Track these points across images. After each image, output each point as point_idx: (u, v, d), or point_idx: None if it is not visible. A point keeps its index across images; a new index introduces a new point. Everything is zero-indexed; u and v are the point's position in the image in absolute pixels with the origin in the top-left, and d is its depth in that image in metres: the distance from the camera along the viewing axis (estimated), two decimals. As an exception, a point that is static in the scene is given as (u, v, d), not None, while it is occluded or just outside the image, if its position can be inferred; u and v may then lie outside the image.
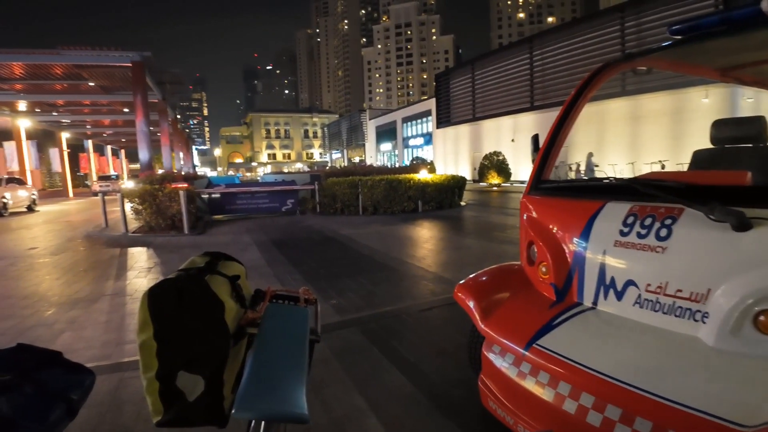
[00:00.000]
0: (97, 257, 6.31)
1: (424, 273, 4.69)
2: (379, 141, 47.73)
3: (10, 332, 3.23)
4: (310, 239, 7.21)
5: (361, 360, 2.55)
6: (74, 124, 26.47)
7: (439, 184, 11.07)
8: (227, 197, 10.57)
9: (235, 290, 0.87)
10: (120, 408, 2.09)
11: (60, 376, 0.68)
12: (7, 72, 15.05)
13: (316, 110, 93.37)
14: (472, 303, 1.69)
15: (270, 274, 4.76)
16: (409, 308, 3.49)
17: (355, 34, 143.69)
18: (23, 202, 15.02)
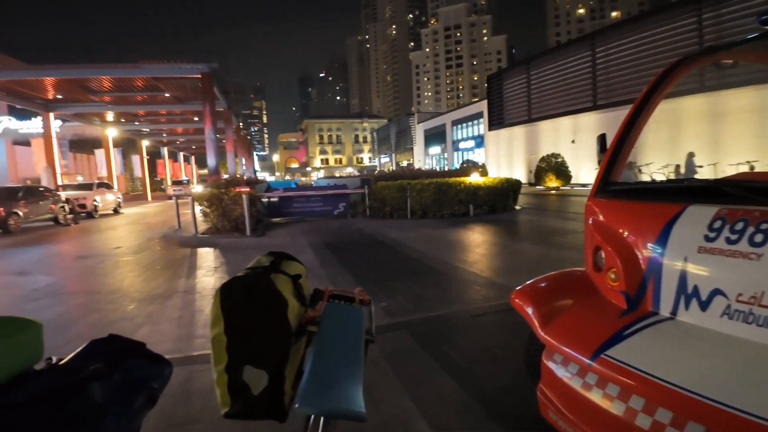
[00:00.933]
0: (171, 256, 6.90)
1: (476, 278, 4.57)
2: (427, 144, 47.49)
3: (98, 324, 3.59)
4: (360, 242, 7.34)
5: (410, 363, 2.54)
6: (152, 132, 29.36)
7: (492, 187, 10.76)
8: (285, 201, 11.12)
9: (297, 289, 0.91)
10: (190, 399, 2.19)
11: (143, 366, 0.71)
12: (97, 85, 17.10)
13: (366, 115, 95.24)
14: (531, 309, 1.62)
15: (323, 275, 4.92)
16: (461, 313, 3.42)
17: (403, 39, 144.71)
18: (110, 205, 16.94)
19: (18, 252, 7.81)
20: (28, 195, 11.80)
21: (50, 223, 12.47)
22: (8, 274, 5.78)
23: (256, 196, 10.08)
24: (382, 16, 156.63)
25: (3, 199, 10.92)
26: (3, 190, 11.74)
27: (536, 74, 25.84)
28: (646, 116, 1.82)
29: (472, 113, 36.95)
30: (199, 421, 2.00)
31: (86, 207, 14.91)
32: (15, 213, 10.85)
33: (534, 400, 1.58)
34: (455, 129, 40.30)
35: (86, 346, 0.69)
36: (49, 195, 12.72)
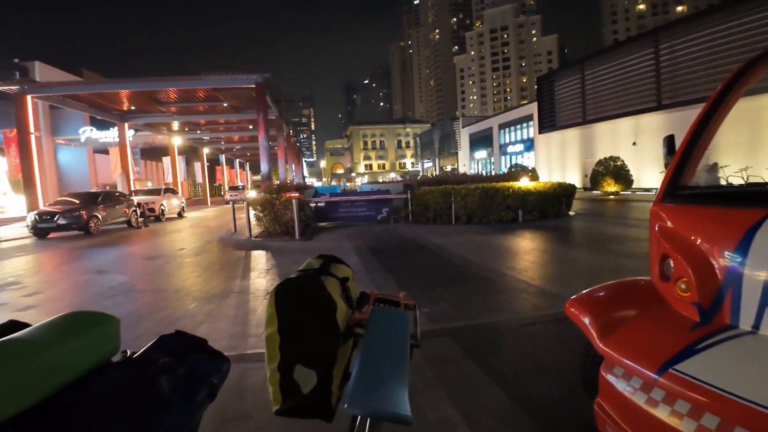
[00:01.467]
0: (227, 258, 7.32)
1: (526, 286, 4.40)
2: (473, 149, 46.59)
3: (165, 321, 3.85)
4: (403, 247, 7.34)
5: (454, 370, 2.50)
6: (212, 140, 31.60)
7: (543, 192, 10.30)
8: (330, 206, 11.44)
9: (345, 291, 0.93)
10: (243, 396, 2.27)
11: (205, 362, 0.74)
12: (165, 97, 18.76)
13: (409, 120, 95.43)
14: (589, 319, 1.53)
15: (367, 279, 4.97)
16: (508, 322, 3.31)
17: (446, 43, 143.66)
18: (175, 209, 18.39)
19: (97, 252, 8.70)
20: (106, 200, 13.11)
21: (124, 225, 13.79)
22: (89, 272, 6.43)
23: (305, 201, 10.46)
24: (424, 21, 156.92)
25: (85, 204, 12.24)
26: (85, 195, 13.17)
27: (592, 74, 24.49)
28: (722, 115, 1.67)
29: (521, 116, 35.74)
30: (251, 417, 2.06)
31: (155, 211, 16.26)
32: (95, 216, 12.08)
33: (590, 413, 1.49)
34: (502, 132, 39.19)
35: (156, 341, 0.74)
36: (123, 200, 14.04)
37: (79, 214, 11.58)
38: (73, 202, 12.48)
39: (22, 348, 0.56)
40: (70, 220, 11.43)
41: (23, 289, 5.33)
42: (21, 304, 4.60)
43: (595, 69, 24.24)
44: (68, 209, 11.68)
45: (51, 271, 6.74)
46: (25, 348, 0.56)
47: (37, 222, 11.33)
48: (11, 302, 4.67)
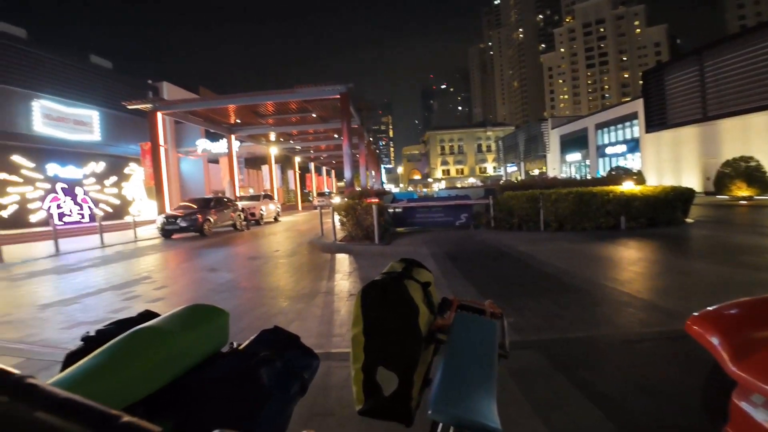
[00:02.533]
0: (315, 260, 7.81)
1: (630, 299, 3.92)
2: (564, 151, 43.06)
3: (263, 317, 4.16)
4: (485, 254, 7.07)
5: (542, 384, 2.32)
6: (303, 149, 34.34)
7: (652, 196, 9.07)
8: (408, 211, 11.53)
9: (427, 296, 0.92)
10: (327, 393, 2.33)
11: (298, 357, 0.77)
12: (263, 110, 20.93)
13: (490, 124, 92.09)
14: (718, 339, 1.31)
15: (445, 285, 4.87)
16: (608, 337, 2.98)
17: (531, 42, 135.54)
18: (272, 213, 20.25)
19: (209, 252, 9.99)
20: (217, 205, 14.99)
21: (230, 228, 15.65)
22: (204, 270, 7.39)
23: (384, 206, 10.71)
24: (506, 20, 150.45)
25: (200, 208, 14.11)
26: (201, 201, 15.23)
27: (713, 65, 21.04)
28: None
29: (623, 114, 32.07)
30: (333, 414, 2.13)
31: (255, 215, 18.05)
32: (208, 219, 13.86)
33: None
34: (600, 133, 35.58)
35: (257, 335, 0.79)
36: (230, 205, 15.91)
37: (196, 218, 13.38)
38: (191, 207, 14.48)
39: (156, 336, 0.62)
40: (189, 223, 13.30)
41: (153, 283, 6.33)
42: (152, 296, 5.44)
43: (718, 59, 20.78)
44: (188, 213, 13.55)
45: (174, 268, 7.93)
46: (158, 336, 0.62)
47: (165, 224, 13.35)
48: (144, 294, 5.55)
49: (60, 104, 18.40)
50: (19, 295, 5.89)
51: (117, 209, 21.57)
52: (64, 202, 18.71)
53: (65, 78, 18.89)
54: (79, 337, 0.69)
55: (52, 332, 3.90)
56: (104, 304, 5.02)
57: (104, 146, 20.76)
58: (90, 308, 4.85)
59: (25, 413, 0.24)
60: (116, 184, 21.91)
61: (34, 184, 17.30)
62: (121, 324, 0.72)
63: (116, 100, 20.03)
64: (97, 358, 0.56)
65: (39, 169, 17.50)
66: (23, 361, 3.10)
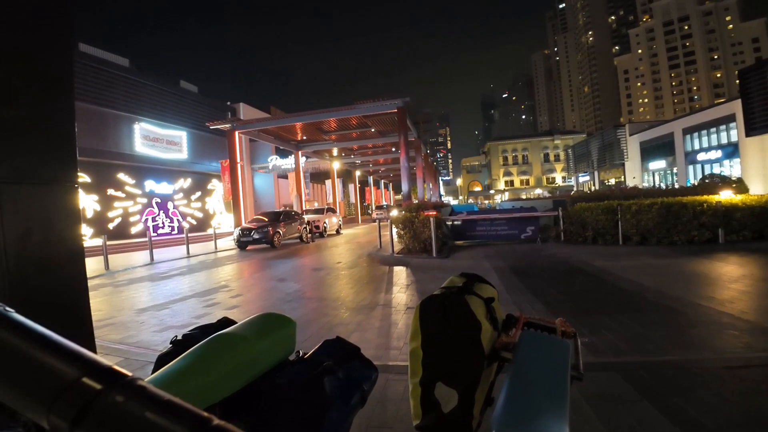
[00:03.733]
0: (374, 273, 7.89)
1: (732, 320, 3.41)
2: (645, 159, 39.06)
3: (325, 326, 4.20)
4: (554, 269, 6.62)
5: (623, 411, 2.08)
6: (362, 164, 35.35)
7: (758, 207, 7.85)
8: (468, 224, 11.23)
9: (490, 312, 0.89)
10: (385, 406, 2.31)
11: (358, 368, 0.78)
12: (327, 126, 21.99)
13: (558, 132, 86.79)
14: None
15: (509, 301, 4.64)
16: (706, 361, 2.61)
17: (603, 44, 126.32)
18: (335, 226, 20.94)
19: (279, 263, 10.56)
20: (286, 218, 15.87)
21: (297, 240, 16.51)
22: (274, 280, 7.83)
23: (442, 219, 10.55)
24: (573, 24, 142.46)
25: (271, 221, 15.06)
26: (272, 214, 16.24)
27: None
28: None
29: (717, 117, 28.40)
30: (390, 427, 2.11)
31: (319, 228, 18.82)
32: (278, 232, 14.74)
33: None
34: (688, 138, 31.81)
35: (321, 345, 0.81)
36: (297, 218, 16.77)
37: (267, 231, 14.31)
38: (263, 220, 15.54)
39: (233, 342, 0.66)
40: (261, 235, 14.26)
41: (230, 291, 6.83)
42: (229, 303, 5.85)
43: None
44: (260, 226, 14.57)
45: (248, 278, 8.52)
46: (235, 342, 0.66)
47: (240, 236, 14.45)
48: (222, 302, 5.99)
49: (156, 126, 20.99)
50: (121, 299, 6.68)
51: (200, 222, 23.94)
52: (158, 215, 21.22)
53: (160, 102, 21.51)
54: (169, 340, 0.76)
55: (146, 334, 4.36)
56: (189, 310, 5.53)
57: (191, 164, 23.25)
58: (178, 313, 5.36)
59: (138, 412, 0.27)
60: (200, 199, 24.35)
61: (135, 199, 19.83)
62: (203, 329, 0.78)
63: (201, 121, 22.41)
64: (183, 362, 0.61)
65: (138, 185, 20.04)
66: (123, 361, 3.43)
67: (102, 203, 18.16)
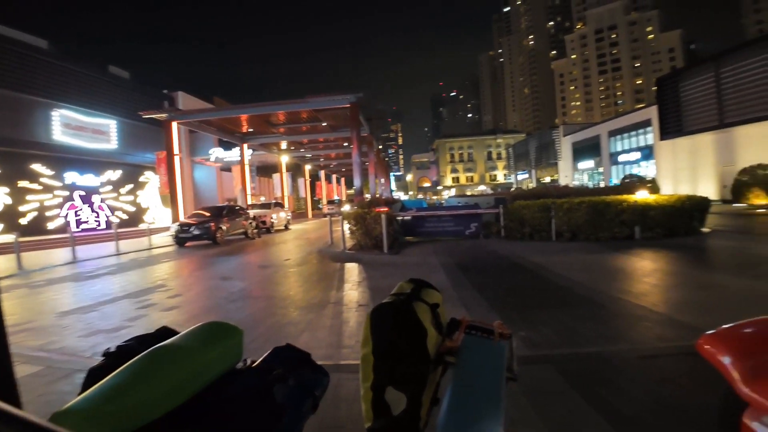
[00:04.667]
0: (325, 270, 7.81)
1: (647, 313, 3.85)
2: (576, 158, 42.65)
3: (273, 327, 4.08)
4: (496, 265, 7.02)
5: (556, 403, 2.29)
6: (313, 158, 34.63)
7: (668, 206, 8.93)
8: (417, 220, 11.51)
9: (435, 318, 0.93)
10: (337, 406, 2.33)
11: (310, 375, 0.80)
12: (275, 119, 21.23)
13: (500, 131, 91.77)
14: (729, 359, 1.30)
15: (455, 297, 4.83)
16: (625, 352, 2.93)
17: (542, 48, 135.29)
18: (283, 221, 20.39)
19: (222, 260, 10.10)
20: (229, 213, 15.13)
21: (242, 236, 15.81)
22: (216, 278, 7.47)
23: (393, 215, 10.71)
24: (516, 28, 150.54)
25: (213, 217, 14.29)
26: (214, 209, 15.41)
27: (731, 71, 20.79)
28: None
29: (637, 121, 31.77)
30: (343, 427, 2.14)
31: (266, 223, 18.19)
32: (221, 228, 14.01)
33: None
34: (613, 140, 35.22)
35: (271, 352, 0.80)
36: (242, 213, 16.07)
37: (209, 226, 13.57)
38: (204, 215, 14.71)
39: (175, 354, 0.64)
40: (202, 231, 13.50)
41: (168, 291, 6.41)
42: (166, 304, 5.49)
43: (736, 65, 20.56)
44: (201, 221, 13.77)
45: (187, 276, 8.04)
46: (178, 354, 0.64)
47: (179, 232, 13.59)
48: (159, 303, 5.60)
49: (79, 114, 18.94)
50: (39, 302, 6.02)
51: (132, 217, 22.04)
52: (81, 209, 19.19)
53: (84, 88, 19.44)
54: (97, 345, 0.71)
55: (71, 340, 3.97)
56: (121, 312, 5.11)
57: (121, 155, 21.28)
58: (108, 316, 4.94)
59: None
60: (132, 192, 22.39)
61: (53, 191, 17.78)
62: (140, 340, 0.74)
63: (133, 109, 20.57)
64: (120, 377, 0.58)
65: (57, 177, 18.00)
66: (44, 369, 3.13)
67: (14, 196, 16.10)
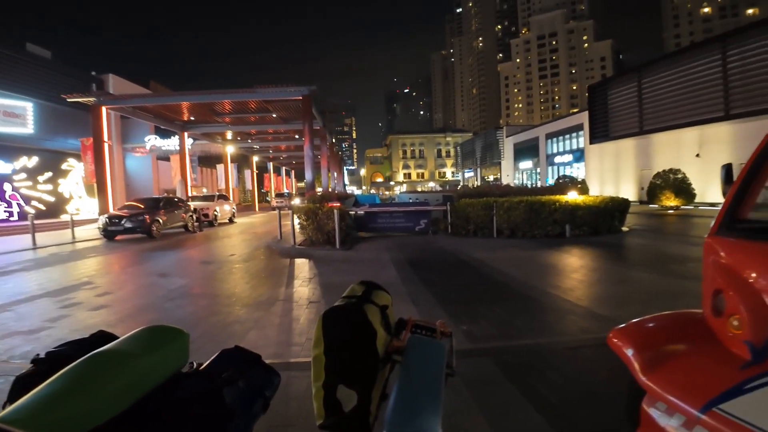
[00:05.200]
0: (273, 266, 7.61)
1: (572, 307, 4.25)
2: (517, 159, 45.29)
3: (217, 326, 3.99)
4: (443, 261, 7.31)
5: (493, 392, 2.47)
6: (261, 149, 33.30)
7: (594, 206, 9.83)
8: (370, 216, 11.63)
9: (384, 319, 1.00)
10: (287, 403, 2.35)
11: (260, 376, 0.81)
12: (221, 108, 20.12)
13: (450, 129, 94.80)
14: (632, 351, 1.51)
15: (405, 292, 4.99)
16: (552, 344, 3.23)
17: (490, 51, 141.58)
18: (227, 214, 19.48)
19: (158, 255, 9.45)
20: (167, 205, 14.15)
21: (181, 230, 14.85)
22: (153, 275, 6.98)
23: (346, 211, 10.70)
24: (467, 29, 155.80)
25: (149, 209, 13.24)
26: (149, 201, 14.30)
27: (651, 82, 23.16)
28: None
29: (571, 125, 34.37)
30: (294, 425, 2.15)
31: (209, 216, 17.27)
32: (157, 221, 13.04)
33: (633, 448, 1.46)
34: (550, 142, 37.84)
35: (219, 355, 0.81)
36: (182, 205, 15.11)
37: (143, 219, 12.58)
38: (138, 206, 13.58)
39: (117, 360, 0.62)
40: (135, 224, 12.47)
41: (96, 289, 5.88)
42: (94, 303, 5.04)
43: (654, 76, 22.92)
44: (134, 213, 12.72)
45: (119, 273, 7.44)
46: (120, 360, 0.63)
47: (107, 225, 12.42)
48: (86, 301, 5.14)
49: (-13, 93, 16.61)
50: (-66, 305, 5.25)
51: (51, 207, 19.73)
52: (-12, 198, 16.88)
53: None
54: (14, 348, 0.67)
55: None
56: (40, 312, 4.64)
57: (39, 140, 19.01)
58: (24, 316, 4.46)
59: None
60: (51, 181, 20.03)
61: (-49, 178, 15.45)
62: (74, 345, 0.71)
63: (55, 91, 18.42)
64: (58, 384, 0.56)
65: (-43, 161, 15.65)
66: None
67: None
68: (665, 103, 22.13)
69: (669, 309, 1.83)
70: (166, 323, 0.80)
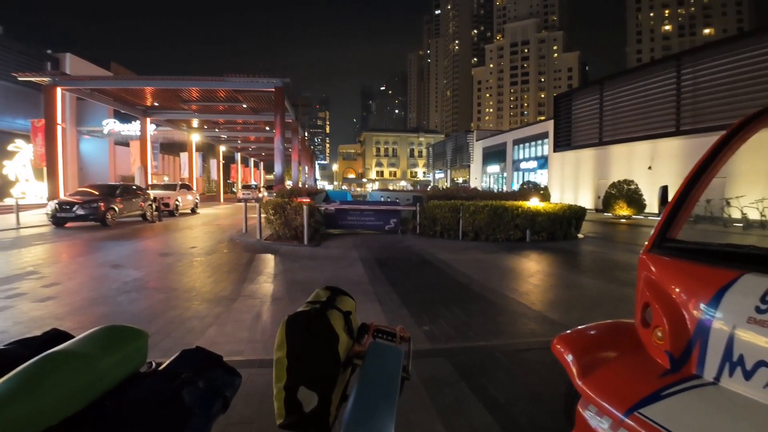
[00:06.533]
0: (237, 260, 7.43)
1: (526, 310, 4.47)
2: (486, 163, 46.54)
3: (176, 321, 3.89)
4: (409, 261, 7.44)
5: (447, 391, 2.59)
6: (229, 139, 32.18)
7: (553, 213, 10.33)
8: (340, 213, 11.62)
9: (347, 324, 1.04)
10: (247, 401, 2.35)
11: (220, 376, 0.82)
12: (187, 95, 19.30)
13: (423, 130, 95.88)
14: (571, 357, 1.65)
15: (371, 291, 5.09)
16: (505, 346, 3.40)
17: (465, 54, 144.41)
18: (189, 205, 18.77)
19: (112, 245, 8.98)
20: (124, 193, 13.47)
21: (139, 219, 14.16)
22: (105, 266, 6.65)
23: (315, 207, 10.62)
24: (444, 31, 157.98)
25: (104, 196, 12.57)
26: (104, 187, 13.54)
27: (611, 95, 24.47)
28: (714, 171, 1.78)
29: (537, 133, 35.70)
30: (253, 422, 2.17)
31: (169, 206, 16.62)
32: (112, 209, 12.42)
33: (570, 447, 1.59)
34: (517, 148, 39.14)
35: (179, 355, 0.82)
36: (140, 193, 14.40)
37: (97, 206, 11.92)
38: (92, 193, 12.86)
39: (72, 360, 0.62)
40: (88, 211, 11.79)
41: (42, 279, 5.55)
42: (40, 294, 4.76)
43: (614, 90, 24.21)
44: (87, 200, 12.03)
45: (68, 262, 7.00)
46: (75, 360, 0.62)
47: (57, 211, 11.70)
48: (31, 292, 4.85)
49: None
50: None
51: (-7, 190, 18.22)
52: None
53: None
54: None
55: None
56: (-26, 307, 4.29)
57: (-20, 117, 17.46)
58: (-46, 312, 4.11)
59: None
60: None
61: None
62: (25, 344, 0.69)
63: (5, 69, 17.15)
64: (6, 384, 0.54)
65: None
66: None
67: None
68: (623, 116, 23.47)
69: (610, 314, 1.99)
70: (119, 317, 0.80)
